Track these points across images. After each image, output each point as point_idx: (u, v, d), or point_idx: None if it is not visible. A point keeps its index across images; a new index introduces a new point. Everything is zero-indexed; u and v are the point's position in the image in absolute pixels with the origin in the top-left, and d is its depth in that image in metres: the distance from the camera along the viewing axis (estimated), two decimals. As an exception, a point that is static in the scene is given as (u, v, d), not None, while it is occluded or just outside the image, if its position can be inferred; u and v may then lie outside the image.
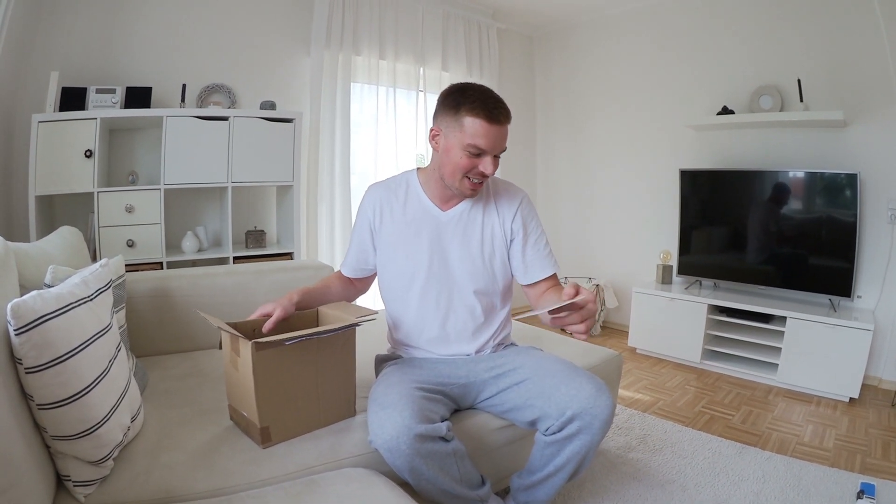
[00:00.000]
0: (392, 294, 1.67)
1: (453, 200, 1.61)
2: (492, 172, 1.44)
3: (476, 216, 1.61)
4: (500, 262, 1.62)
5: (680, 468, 2.11)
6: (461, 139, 1.41)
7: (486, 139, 1.39)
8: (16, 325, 0.94)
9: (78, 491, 1.08)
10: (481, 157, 1.43)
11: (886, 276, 3.03)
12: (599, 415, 1.34)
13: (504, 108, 1.42)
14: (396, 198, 1.64)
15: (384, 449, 1.27)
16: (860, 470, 2.13)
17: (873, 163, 3.01)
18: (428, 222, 1.60)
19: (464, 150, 1.41)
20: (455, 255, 1.59)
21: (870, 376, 3.02)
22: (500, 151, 1.45)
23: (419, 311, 1.61)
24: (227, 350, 1.40)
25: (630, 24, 4.13)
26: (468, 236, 1.59)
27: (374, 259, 1.69)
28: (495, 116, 1.39)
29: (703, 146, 3.75)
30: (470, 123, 1.39)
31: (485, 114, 1.38)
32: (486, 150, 1.41)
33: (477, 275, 1.59)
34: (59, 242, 1.68)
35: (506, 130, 1.44)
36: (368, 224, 1.66)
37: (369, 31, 3.56)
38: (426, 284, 1.59)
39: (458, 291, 1.59)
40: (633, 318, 3.75)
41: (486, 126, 1.38)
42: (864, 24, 2.99)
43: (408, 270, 1.60)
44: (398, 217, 1.62)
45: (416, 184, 1.64)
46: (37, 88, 2.48)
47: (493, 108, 1.39)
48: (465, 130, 1.40)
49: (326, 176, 3.42)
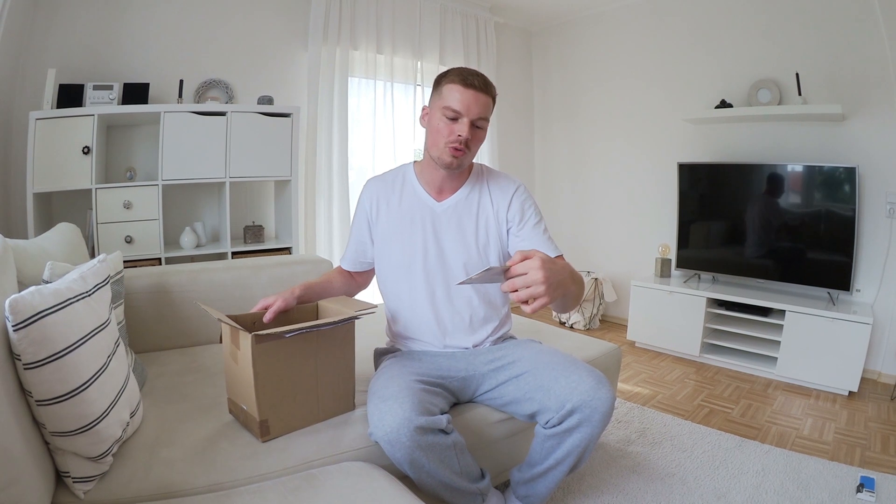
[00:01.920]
0: (389, 286, 1.68)
1: (447, 190, 1.63)
2: (467, 135, 1.46)
3: (471, 206, 1.62)
4: (494, 252, 1.62)
5: (679, 461, 2.11)
6: (439, 105, 1.49)
7: (460, 102, 1.45)
8: (14, 320, 0.93)
9: (77, 487, 1.08)
10: (457, 120, 1.46)
11: (885, 269, 3.03)
12: (599, 407, 1.34)
13: (481, 77, 1.48)
14: (393, 190, 1.66)
15: (384, 441, 1.27)
16: (859, 463, 2.14)
17: (872, 156, 3.00)
18: (423, 213, 1.62)
19: (442, 114, 1.48)
20: (450, 245, 1.60)
21: (869, 370, 3.03)
22: (476, 117, 1.47)
23: (416, 301, 1.62)
24: (227, 343, 1.40)
25: (628, 18, 4.12)
26: (462, 227, 1.61)
27: (373, 252, 1.71)
28: (470, 82, 1.45)
29: (702, 140, 3.75)
30: (447, 90, 1.48)
31: (460, 79, 1.46)
32: (460, 111, 1.45)
33: (472, 265, 1.59)
34: (57, 239, 1.68)
35: (484, 99, 1.48)
36: (366, 217, 1.69)
37: (366, 26, 3.55)
38: (421, 275, 1.60)
39: (453, 282, 1.59)
40: (631, 311, 3.75)
41: (461, 89, 1.45)
42: (863, 18, 2.98)
43: (403, 262, 1.61)
44: (394, 209, 1.64)
45: (412, 175, 1.67)
46: (34, 85, 2.47)
47: (469, 75, 1.47)
48: (442, 96, 1.49)
49: (324, 170, 3.41)
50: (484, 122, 1.50)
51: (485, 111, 1.49)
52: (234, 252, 2.90)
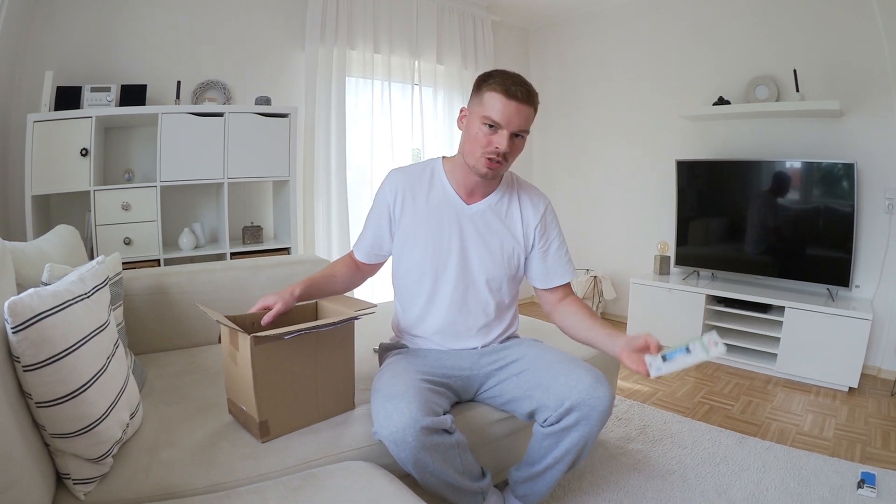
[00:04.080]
0: (405, 283, 1.63)
1: (478, 194, 1.58)
2: (505, 149, 1.41)
3: (500, 213, 1.58)
4: (516, 263, 1.60)
5: (680, 458, 2.11)
6: (479, 113, 1.43)
7: (500, 113, 1.39)
8: (13, 322, 0.93)
9: (77, 489, 1.08)
10: (496, 132, 1.41)
11: (884, 265, 3.03)
12: (597, 406, 1.34)
13: (525, 86, 1.42)
14: (420, 185, 1.59)
15: (390, 441, 1.26)
16: (860, 459, 2.14)
17: (870, 152, 3.00)
18: (451, 214, 1.57)
19: (481, 123, 1.42)
20: (474, 251, 1.56)
21: (869, 366, 3.03)
22: (516, 129, 1.42)
23: (432, 303, 1.59)
24: (226, 344, 1.40)
25: (625, 15, 4.12)
26: (489, 234, 1.57)
27: (390, 246, 1.65)
28: (513, 92, 1.39)
29: (700, 137, 3.75)
30: (489, 98, 1.41)
31: (502, 89, 1.39)
32: (500, 123, 1.40)
33: (494, 273, 1.57)
34: (55, 241, 1.68)
35: (526, 111, 1.42)
36: (388, 210, 1.61)
37: (363, 25, 3.55)
38: (442, 278, 1.56)
39: (473, 288, 1.57)
40: (631, 309, 3.75)
41: (503, 100, 1.39)
42: (860, 14, 2.98)
43: (425, 262, 1.56)
44: (420, 206, 1.58)
45: (441, 172, 1.61)
46: (32, 88, 2.47)
47: (512, 84, 1.40)
48: (483, 104, 1.42)
49: (322, 170, 3.42)
50: (525, 132, 1.44)
51: (526, 123, 1.43)
52: (233, 253, 2.90)
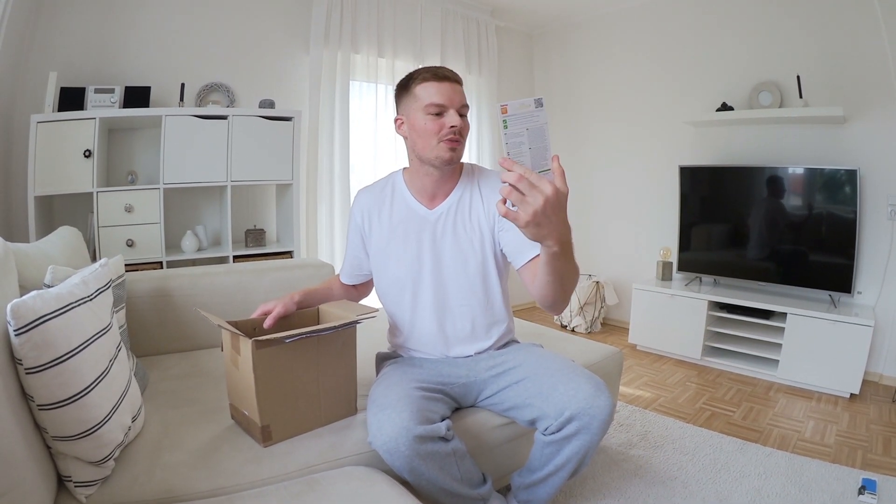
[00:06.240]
0: (388, 299, 1.65)
1: (439, 196, 1.58)
2: (460, 124, 1.44)
3: (464, 209, 1.57)
4: (492, 254, 1.57)
5: (681, 465, 2.11)
6: (419, 107, 1.45)
7: (440, 95, 1.43)
8: (16, 325, 0.93)
9: (79, 491, 1.08)
10: (444, 114, 1.44)
11: (886, 272, 3.03)
12: (598, 415, 1.33)
13: (447, 68, 1.48)
14: (383, 202, 1.62)
15: (383, 450, 1.26)
16: (861, 466, 2.13)
17: (873, 159, 3.00)
18: (415, 224, 1.57)
19: (426, 114, 1.44)
20: (448, 254, 1.56)
21: (870, 372, 3.03)
22: (460, 106, 1.45)
23: (416, 314, 1.59)
24: (228, 348, 1.40)
25: (629, 21, 4.12)
26: (459, 232, 1.56)
27: (369, 265, 1.69)
28: (442, 74, 1.45)
29: (703, 143, 3.75)
30: (422, 89, 1.45)
31: (431, 75, 1.45)
32: (444, 104, 1.43)
33: (472, 271, 1.56)
34: (58, 243, 1.68)
35: (460, 89, 1.47)
36: (359, 231, 1.66)
37: (368, 29, 3.55)
38: (420, 288, 1.57)
39: (453, 292, 1.57)
40: (633, 314, 3.75)
41: (437, 84, 1.44)
42: (864, 20, 2.98)
43: (400, 276, 1.58)
44: (385, 222, 1.60)
45: (402, 183, 1.63)
46: (35, 89, 2.48)
47: (437, 69, 1.46)
48: (419, 98, 1.45)
49: (326, 174, 3.42)
50: (466, 109, 1.48)
51: (464, 98, 1.48)
52: (236, 256, 2.90)
